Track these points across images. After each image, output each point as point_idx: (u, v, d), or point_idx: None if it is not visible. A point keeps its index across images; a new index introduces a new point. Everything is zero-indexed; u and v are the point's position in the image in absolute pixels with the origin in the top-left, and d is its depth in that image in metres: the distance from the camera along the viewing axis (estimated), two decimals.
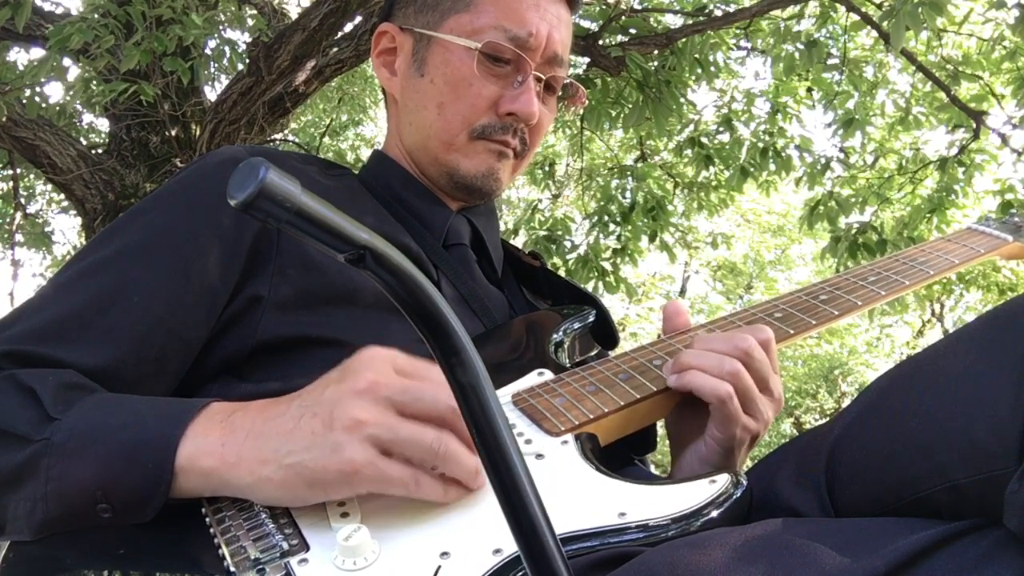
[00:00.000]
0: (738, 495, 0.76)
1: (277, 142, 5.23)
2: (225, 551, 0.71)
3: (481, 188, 1.13)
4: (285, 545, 0.72)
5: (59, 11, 4.63)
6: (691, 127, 5.29)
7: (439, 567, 0.69)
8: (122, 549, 0.75)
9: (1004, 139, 4.68)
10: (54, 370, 0.83)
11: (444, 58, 1.10)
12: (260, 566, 0.70)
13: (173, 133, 4.41)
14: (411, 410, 0.74)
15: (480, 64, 1.08)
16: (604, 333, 1.13)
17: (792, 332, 1.03)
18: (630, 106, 4.40)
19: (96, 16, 3.37)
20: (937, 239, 1.26)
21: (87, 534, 0.76)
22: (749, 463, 1.05)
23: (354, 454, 0.71)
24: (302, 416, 0.75)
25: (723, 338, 0.93)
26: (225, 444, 0.75)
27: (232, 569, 0.70)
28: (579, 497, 0.78)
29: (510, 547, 0.70)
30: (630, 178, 5.34)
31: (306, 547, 0.72)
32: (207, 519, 0.76)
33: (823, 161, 5.14)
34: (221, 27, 4.40)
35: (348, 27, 3.95)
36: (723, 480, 0.78)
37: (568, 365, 1.00)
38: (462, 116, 1.09)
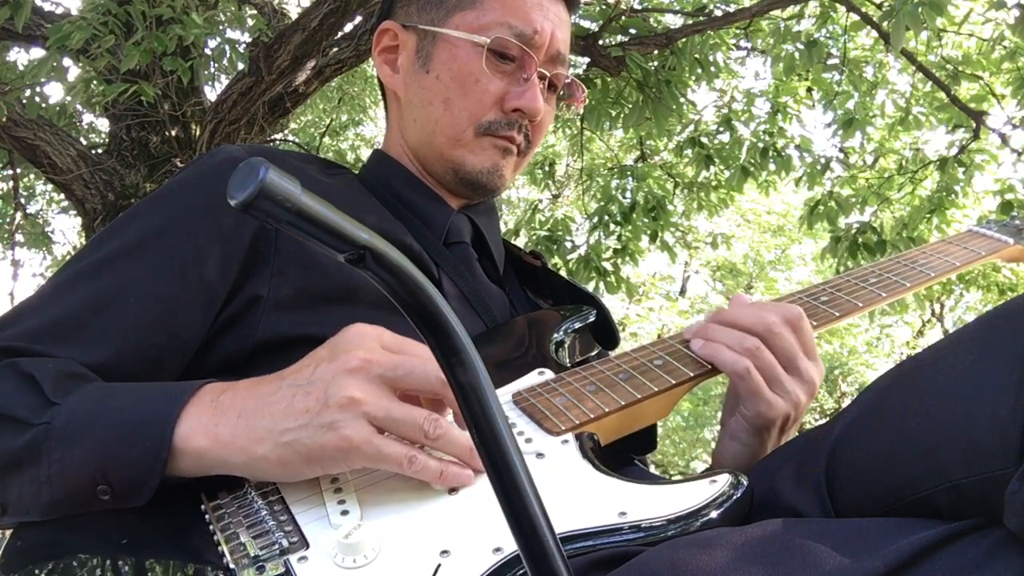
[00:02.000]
0: (738, 495, 0.77)
1: (277, 142, 5.23)
2: (225, 548, 0.72)
3: (486, 184, 1.13)
4: (285, 542, 0.72)
5: (59, 11, 4.62)
6: (691, 127, 5.29)
7: (439, 565, 0.69)
8: (126, 544, 0.75)
9: (1004, 139, 4.68)
10: (54, 359, 0.84)
11: (451, 54, 1.10)
12: (260, 563, 0.70)
13: (173, 133, 4.41)
14: (402, 384, 0.76)
15: (487, 60, 1.08)
16: (605, 333, 1.13)
17: None
18: (630, 106, 4.40)
19: (96, 15, 3.37)
20: (938, 241, 1.27)
21: (90, 528, 0.76)
22: None
23: (351, 432, 0.72)
24: (295, 395, 0.75)
25: (748, 313, 0.96)
26: (218, 424, 0.76)
27: (232, 566, 0.70)
28: (579, 496, 0.78)
29: (510, 545, 0.70)
30: (630, 178, 5.33)
31: (306, 544, 0.72)
32: (206, 516, 0.76)
33: (823, 161, 5.14)
34: (221, 27, 4.39)
35: (348, 27, 3.95)
36: (723, 480, 0.78)
37: (569, 364, 1.00)
38: (469, 112, 1.10)
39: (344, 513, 0.75)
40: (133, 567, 0.73)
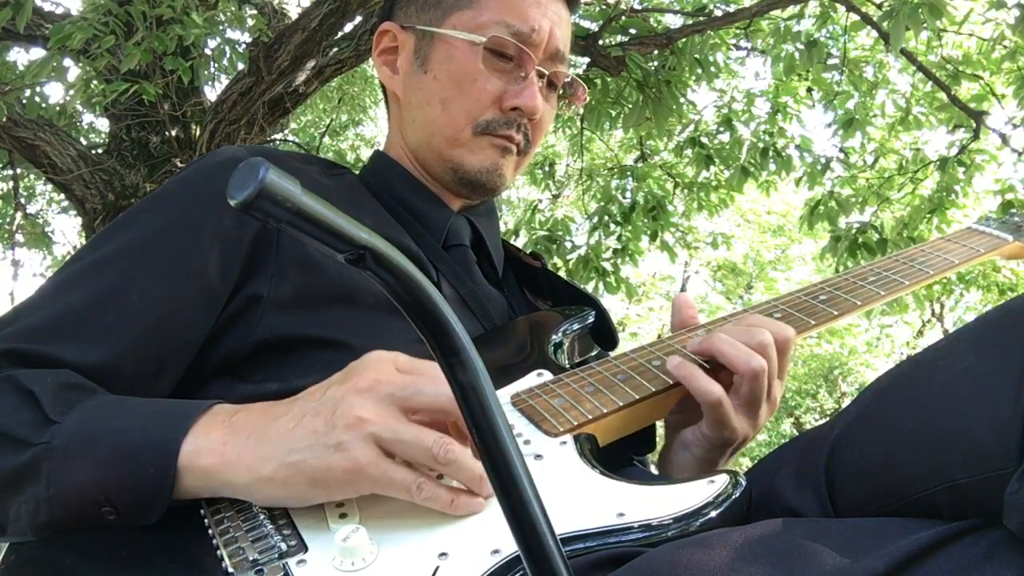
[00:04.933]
0: (737, 495, 0.76)
1: (277, 142, 5.22)
2: (223, 552, 0.71)
3: (485, 183, 1.13)
4: (283, 546, 0.72)
5: (59, 11, 4.62)
6: (691, 127, 5.29)
7: (437, 568, 0.69)
8: (123, 551, 0.75)
9: (1004, 139, 4.68)
10: (52, 370, 0.83)
11: (447, 54, 1.10)
12: (258, 567, 0.70)
13: (173, 133, 4.41)
14: (413, 404, 0.75)
15: (484, 59, 1.08)
16: (603, 334, 1.13)
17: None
18: (630, 106, 4.40)
19: (97, 15, 3.37)
20: (937, 239, 1.26)
21: (87, 536, 0.76)
22: (749, 463, 1.05)
23: (358, 453, 0.71)
24: (304, 415, 0.75)
25: (745, 333, 0.93)
26: (227, 443, 0.75)
27: (231, 570, 0.70)
28: (578, 498, 0.78)
29: (508, 547, 0.70)
30: (630, 178, 5.34)
31: (304, 548, 0.72)
32: (205, 520, 0.76)
33: (823, 161, 5.14)
34: (221, 27, 4.39)
35: (348, 27, 3.95)
36: (722, 480, 0.78)
37: (567, 366, 1.00)
38: (466, 111, 1.09)
39: (342, 516, 0.75)
40: (132, 572, 0.73)
